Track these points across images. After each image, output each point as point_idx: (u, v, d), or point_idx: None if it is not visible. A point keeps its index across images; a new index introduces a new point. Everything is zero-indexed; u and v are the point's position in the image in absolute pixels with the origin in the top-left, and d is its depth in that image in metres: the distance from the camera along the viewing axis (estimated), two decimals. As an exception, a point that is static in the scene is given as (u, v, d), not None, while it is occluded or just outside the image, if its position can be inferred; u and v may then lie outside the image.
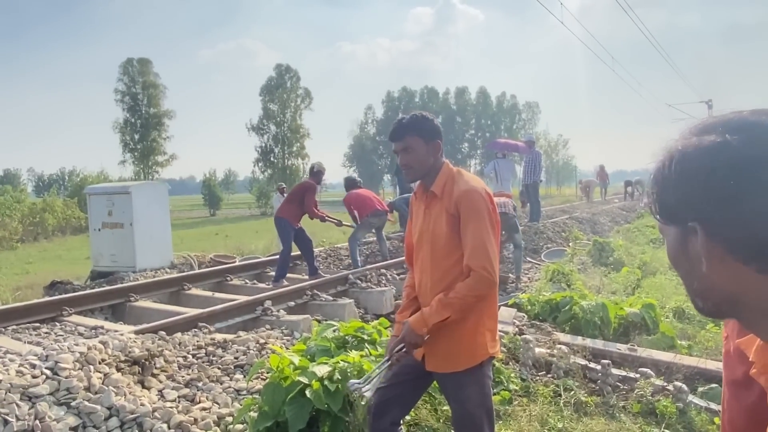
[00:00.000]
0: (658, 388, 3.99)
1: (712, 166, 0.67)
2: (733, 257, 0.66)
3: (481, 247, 2.15)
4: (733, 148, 0.66)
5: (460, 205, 2.20)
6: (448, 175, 2.30)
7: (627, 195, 29.76)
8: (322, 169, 8.17)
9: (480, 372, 2.27)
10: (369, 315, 6.10)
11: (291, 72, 57.00)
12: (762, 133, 0.66)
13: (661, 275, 8.80)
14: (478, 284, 2.14)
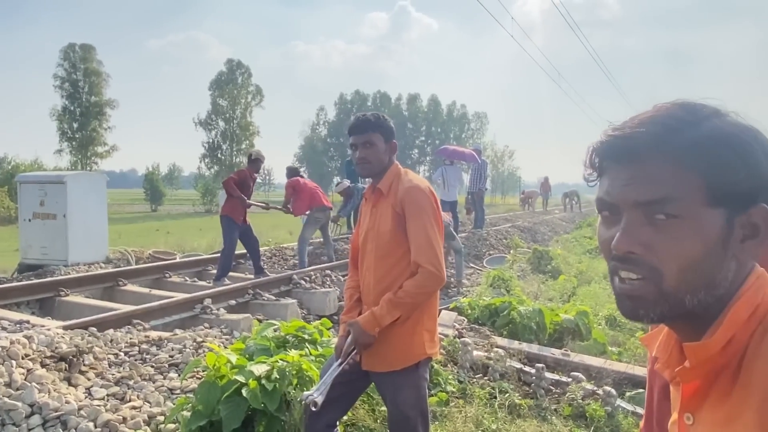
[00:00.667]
0: (589, 392, 4.14)
1: (764, 147, 0.69)
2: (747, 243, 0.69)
3: (427, 243, 2.18)
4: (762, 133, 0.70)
5: (405, 203, 2.22)
6: (395, 174, 2.34)
7: (566, 206, 30.95)
8: (261, 157, 7.84)
9: (416, 373, 2.28)
10: (312, 316, 6.06)
11: (243, 68, 56.02)
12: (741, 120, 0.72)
13: (595, 284, 9.16)
14: (426, 281, 2.17)
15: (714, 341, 0.68)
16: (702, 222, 0.67)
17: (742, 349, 0.67)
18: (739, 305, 0.68)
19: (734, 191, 0.67)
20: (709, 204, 0.67)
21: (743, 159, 0.67)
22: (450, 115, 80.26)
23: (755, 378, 0.65)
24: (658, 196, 0.68)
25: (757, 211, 0.68)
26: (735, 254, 0.69)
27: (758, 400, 0.63)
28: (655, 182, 0.68)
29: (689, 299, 0.69)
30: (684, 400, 0.74)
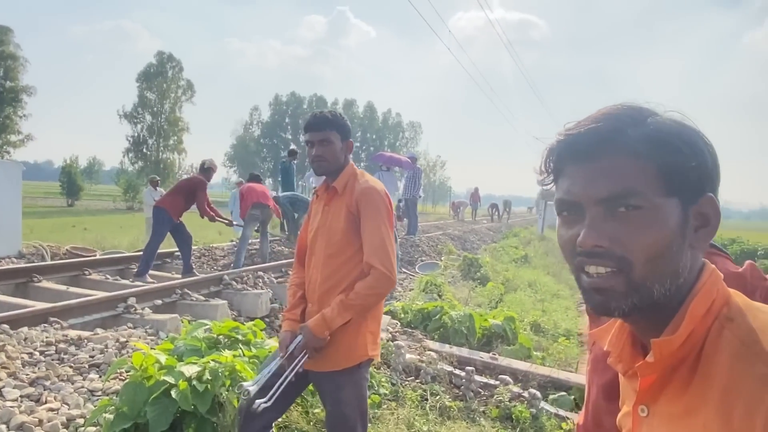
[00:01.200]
0: (515, 395, 4.28)
1: (706, 141, 0.74)
2: (700, 232, 0.75)
3: (381, 244, 2.18)
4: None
5: (361, 203, 2.22)
6: (351, 174, 2.34)
7: (492, 217, 32.02)
8: (214, 167, 7.90)
9: (358, 374, 2.28)
10: (243, 317, 5.90)
11: (174, 61, 54.12)
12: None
13: (521, 291, 9.52)
14: (378, 283, 2.16)
15: (678, 336, 0.71)
16: (662, 211, 0.71)
17: (699, 344, 0.71)
18: (697, 300, 0.72)
19: (686, 181, 0.72)
20: (666, 194, 0.72)
21: (692, 149, 0.72)
22: (385, 122, 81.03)
23: (715, 372, 0.68)
24: (620, 190, 0.71)
25: (706, 200, 0.73)
26: (691, 243, 0.74)
27: (718, 394, 0.66)
28: (615, 177, 0.72)
29: (657, 289, 0.72)
30: (640, 393, 0.77)
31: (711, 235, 0.75)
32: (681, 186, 0.72)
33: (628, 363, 0.80)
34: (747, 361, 0.65)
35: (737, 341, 0.67)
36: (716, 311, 0.72)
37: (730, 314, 0.71)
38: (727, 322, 0.70)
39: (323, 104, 77.77)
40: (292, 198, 10.18)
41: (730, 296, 0.74)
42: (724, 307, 0.72)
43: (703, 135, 0.75)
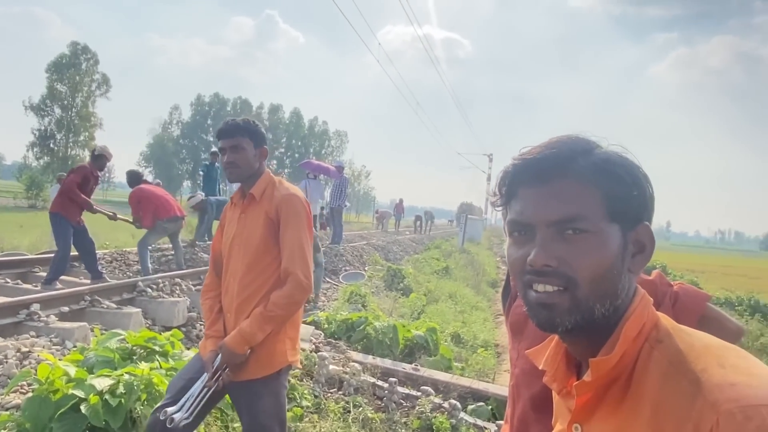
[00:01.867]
0: (436, 406, 4.35)
1: (644, 173, 0.80)
2: (636, 258, 0.80)
3: (300, 252, 2.18)
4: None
5: (281, 210, 2.21)
6: (269, 181, 2.32)
7: (416, 228, 32.58)
8: (106, 153, 7.13)
9: (277, 381, 2.24)
10: (158, 327, 5.63)
11: (89, 53, 51.20)
12: None
13: (442, 303, 9.71)
14: (295, 291, 2.15)
15: (614, 356, 0.75)
16: (605, 236, 0.76)
17: (631, 364, 0.76)
18: (630, 323, 0.77)
19: (627, 209, 0.78)
20: (609, 220, 0.77)
21: (633, 180, 0.79)
22: (311, 129, 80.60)
23: (646, 392, 0.72)
24: (569, 214, 0.76)
25: (643, 228, 0.80)
26: (629, 267, 0.79)
27: (649, 412, 0.71)
28: (565, 201, 0.77)
29: (598, 308, 0.76)
30: (575, 412, 0.81)
31: (646, 260, 0.80)
32: (622, 213, 0.77)
33: (563, 382, 0.85)
34: (674, 379, 0.70)
35: (666, 361, 0.72)
36: (647, 333, 0.77)
37: (659, 336, 0.76)
38: (656, 344, 0.75)
39: (248, 107, 76.27)
40: (219, 202, 9.80)
41: (659, 319, 0.79)
42: (653, 330, 0.77)
43: (642, 168, 0.81)
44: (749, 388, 0.64)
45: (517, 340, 1.48)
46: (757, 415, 0.62)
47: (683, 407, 0.67)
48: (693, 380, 0.68)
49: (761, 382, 0.66)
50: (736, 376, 0.66)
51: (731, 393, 0.64)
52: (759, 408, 0.62)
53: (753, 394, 0.64)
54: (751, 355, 0.72)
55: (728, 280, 23.81)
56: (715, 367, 0.68)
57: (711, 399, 0.65)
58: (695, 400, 0.66)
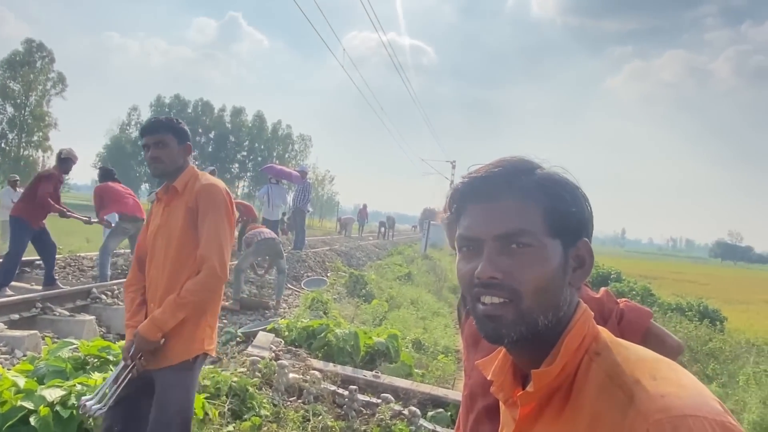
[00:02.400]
0: (396, 413, 4.38)
1: (582, 193, 0.85)
2: (577, 273, 0.84)
3: (215, 240, 2.22)
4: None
5: (200, 198, 2.27)
6: (192, 174, 2.37)
7: (380, 234, 32.64)
8: (72, 156, 6.98)
9: (190, 372, 2.27)
10: (112, 334, 5.50)
11: (44, 51, 49.44)
12: None
13: (404, 309, 9.76)
14: (208, 279, 2.19)
15: (555, 368, 0.80)
16: (547, 250, 0.81)
17: (571, 375, 0.80)
18: (571, 336, 0.81)
19: (567, 225, 0.83)
20: (551, 235, 0.82)
21: (573, 198, 0.84)
22: (275, 133, 79.75)
23: (584, 402, 0.77)
24: (513, 229, 0.81)
25: (583, 244, 0.85)
26: (570, 281, 0.84)
27: (587, 422, 0.75)
28: (510, 216, 0.82)
29: (541, 320, 0.80)
30: (519, 421, 0.85)
31: (586, 275, 0.86)
32: (562, 229, 0.83)
33: (509, 392, 0.89)
34: (610, 391, 0.74)
35: (603, 373, 0.77)
36: (586, 346, 0.81)
37: (598, 349, 0.81)
38: (595, 356, 0.80)
39: (209, 110, 75.09)
40: None
41: (598, 333, 0.84)
42: (593, 343, 0.82)
43: (581, 188, 0.87)
44: (678, 399, 0.69)
45: (473, 352, 1.52)
46: (683, 426, 0.66)
47: (617, 417, 0.71)
48: (627, 392, 0.72)
49: (689, 393, 0.70)
50: (666, 387, 0.71)
51: (661, 404, 0.69)
52: (686, 418, 0.67)
53: (682, 404, 0.68)
54: (682, 368, 0.77)
55: (679, 286, 24.73)
56: (648, 379, 0.73)
57: (642, 410, 0.69)
58: (628, 410, 0.70)
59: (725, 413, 0.69)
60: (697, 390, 0.71)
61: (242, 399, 4.06)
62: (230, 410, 3.89)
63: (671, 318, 12.14)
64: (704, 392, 0.72)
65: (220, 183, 2.38)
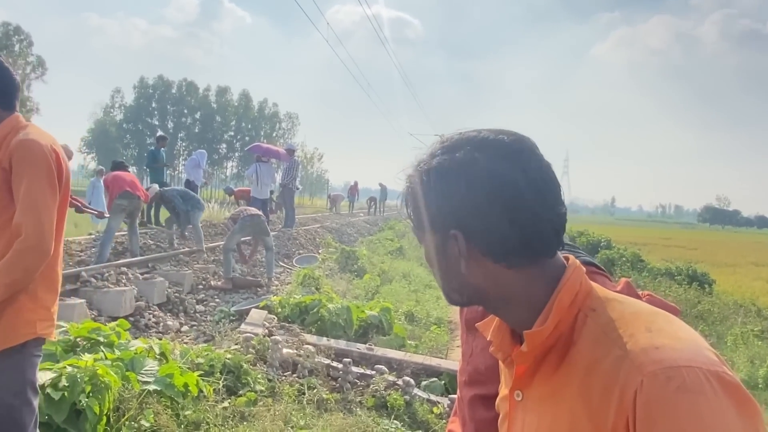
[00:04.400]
0: (390, 383, 4.42)
1: (467, 180, 0.79)
2: (486, 258, 0.80)
3: (31, 206, 1.86)
4: (481, 165, 0.79)
5: (13, 156, 1.89)
6: (12, 126, 1.95)
7: (370, 210, 32.64)
8: (68, 152, 7.20)
9: (21, 355, 1.94)
10: (104, 317, 5.47)
11: (21, 34, 48.59)
12: (503, 150, 0.80)
13: (396, 283, 9.81)
14: (22, 254, 1.84)
15: (546, 327, 0.79)
16: (426, 241, 0.86)
17: (567, 332, 0.79)
18: (562, 294, 0.80)
19: (433, 219, 0.84)
20: (430, 229, 0.85)
21: (435, 192, 0.83)
22: (261, 112, 79.05)
23: (579, 357, 0.76)
24: (414, 226, 0.89)
25: (452, 236, 0.83)
26: (464, 266, 0.84)
27: (581, 374, 0.75)
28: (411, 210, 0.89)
29: (452, 293, 0.87)
30: (516, 379, 0.86)
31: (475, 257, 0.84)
32: (431, 223, 0.84)
33: (506, 351, 0.88)
34: (605, 345, 0.74)
35: (598, 329, 0.76)
36: (580, 303, 0.80)
37: (592, 305, 0.80)
38: (590, 312, 0.79)
39: (194, 90, 74.16)
40: (183, 193, 9.35)
41: (592, 289, 0.83)
42: (587, 299, 0.81)
43: (456, 177, 0.83)
44: (673, 350, 0.68)
45: (471, 336, 1.50)
46: (677, 376, 0.65)
47: (612, 372, 0.70)
48: (621, 345, 0.72)
49: (685, 345, 0.69)
50: (661, 339, 0.70)
51: (655, 355, 0.68)
52: (680, 369, 0.66)
53: (676, 356, 0.67)
54: (679, 321, 0.76)
55: (669, 252, 25.03)
56: (643, 332, 0.72)
57: (637, 362, 0.68)
58: (622, 363, 0.70)
59: (721, 363, 0.68)
60: (692, 341, 0.71)
61: (237, 375, 4.07)
62: (225, 387, 3.90)
63: (661, 283, 12.30)
64: (700, 343, 0.71)
65: (43, 137, 1.96)
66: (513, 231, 0.78)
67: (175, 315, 6.44)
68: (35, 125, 2.02)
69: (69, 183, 2.03)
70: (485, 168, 0.79)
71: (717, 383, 0.66)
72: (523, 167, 0.79)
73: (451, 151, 0.81)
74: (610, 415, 0.69)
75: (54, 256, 1.95)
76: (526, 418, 0.85)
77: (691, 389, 0.65)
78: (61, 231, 2.00)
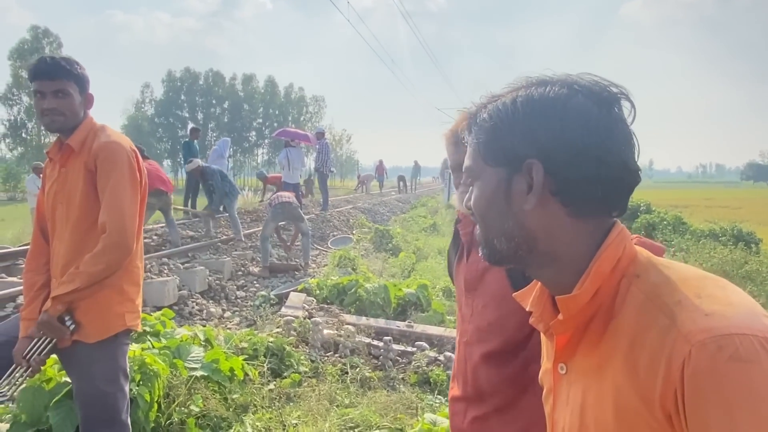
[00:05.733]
0: (432, 359, 4.43)
1: (562, 112, 0.74)
2: (556, 198, 0.75)
3: (115, 205, 1.95)
4: (579, 101, 0.75)
5: (99, 158, 1.97)
6: (90, 129, 2.04)
7: (400, 188, 32.55)
8: None
9: (114, 344, 2.06)
10: (149, 307, 5.63)
11: (51, 36, 49.50)
12: (600, 94, 0.76)
13: (431, 259, 9.78)
14: (106, 249, 1.92)
15: (582, 293, 0.75)
16: (483, 180, 0.81)
17: (608, 300, 0.75)
18: (602, 259, 0.75)
19: (504, 153, 0.79)
20: (489, 165, 0.80)
21: (510, 124, 0.78)
22: (288, 97, 79.19)
23: (623, 326, 0.72)
24: (466, 167, 0.85)
25: (527, 167, 0.76)
26: (521, 206, 0.77)
27: (626, 345, 0.70)
28: (467, 157, 0.85)
29: (497, 243, 0.80)
30: (558, 351, 0.81)
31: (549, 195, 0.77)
32: (499, 158, 0.79)
33: (547, 322, 0.83)
34: (650, 314, 0.69)
35: (642, 296, 0.72)
36: (623, 269, 0.75)
37: (636, 271, 0.75)
38: (634, 279, 0.74)
39: (220, 80, 74.67)
40: (222, 174, 9.27)
41: (636, 254, 0.77)
42: (630, 265, 0.76)
43: (539, 108, 0.77)
44: (724, 318, 0.63)
45: (471, 296, 1.46)
46: (729, 345, 0.61)
47: (658, 341, 0.66)
48: (668, 313, 0.67)
49: (737, 311, 0.64)
50: (711, 306, 0.65)
51: (705, 323, 0.63)
52: (732, 337, 0.61)
53: (727, 323, 0.63)
54: (732, 285, 0.71)
55: (711, 212, 24.23)
56: (691, 298, 0.67)
57: (684, 331, 0.64)
58: (669, 332, 0.65)
59: None
60: (746, 307, 0.66)
61: (280, 358, 4.14)
62: (269, 369, 3.97)
63: (705, 245, 11.93)
64: (755, 309, 0.66)
65: (123, 139, 2.08)
66: (599, 172, 0.73)
67: (217, 302, 6.57)
68: (109, 126, 2.13)
69: (147, 183, 2.16)
70: (583, 104, 0.74)
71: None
72: (618, 116, 0.76)
73: (541, 86, 0.77)
74: (657, 388, 0.65)
75: (135, 251, 2.06)
76: (571, 393, 0.81)
77: (744, 358, 0.60)
78: (140, 226, 2.10)
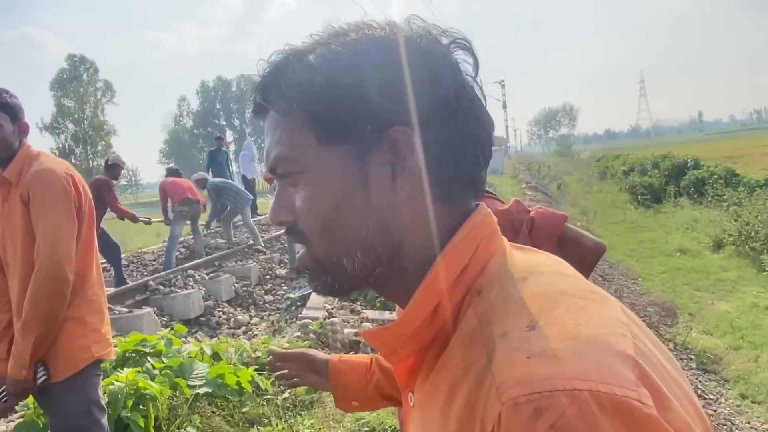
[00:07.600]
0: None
1: (433, 55, 0.55)
2: (427, 178, 0.53)
3: (48, 234, 1.82)
4: (442, 51, 0.56)
5: (30, 189, 1.86)
6: (26, 159, 1.93)
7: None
8: (120, 162, 7.15)
9: (82, 379, 1.94)
10: (175, 321, 5.63)
11: (87, 63, 51.54)
12: (453, 37, 0.58)
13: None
14: (40, 285, 1.79)
15: (407, 317, 0.54)
16: (320, 172, 0.54)
17: (450, 322, 0.53)
18: (438, 270, 0.54)
19: (354, 121, 0.54)
20: (327, 146, 0.54)
21: (361, 76, 0.53)
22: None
23: (449, 360, 0.52)
24: (275, 158, 0.57)
25: (394, 134, 0.53)
26: (390, 195, 0.54)
27: (446, 389, 0.50)
28: (274, 142, 0.57)
29: (348, 263, 0.55)
30: (401, 382, 0.62)
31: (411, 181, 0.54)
32: (345, 130, 0.54)
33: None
34: (476, 347, 0.48)
35: (475, 321, 0.50)
36: (469, 281, 0.54)
37: (481, 284, 0.53)
38: (475, 296, 0.53)
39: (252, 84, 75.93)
40: (218, 185, 9.31)
41: (492, 257, 0.55)
42: (479, 276, 0.54)
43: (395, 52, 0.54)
44: (553, 362, 0.41)
45: None
46: (552, 407, 0.39)
47: (474, 390, 0.45)
48: (489, 349, 0.46)
49: (579, 350, 0.42)
50: (542, 342, 0.43)
51: (522, 371, 0.42)
52: (557, 396, 0.39)
53: (556, 372, 0.40)
54: (603, 304, 0.49)
55: (768, 160, 22.79)
56: (521, 329, 0.45)
57: (498, 381, 0.42)
58: (485, 379, 0.44)
59: (637, 385, 0.40)
60: (598, 342, 0.43)
61: (296, 364, 4.02)
62: (284, 378, 3.85)
63: (759, 196, 11.16)
64: (615, 345, 0.43)
65: (58, 165, 1.95)
66: (478, 138, 0.55)
67: (245, 308, 6.54)
68: (47, 153, 2.04)
69: (92, 206, 2.03)
70: (446, 55, 0.56)
71: (618, 418, 0.38)
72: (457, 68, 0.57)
73: (380, 29, 0.57)
74: None
75: (91, 279, 1.97)
76: (414, 430, 0.60)
77: (572, 428, 0.38)
78: (91, 252, 2.00)
